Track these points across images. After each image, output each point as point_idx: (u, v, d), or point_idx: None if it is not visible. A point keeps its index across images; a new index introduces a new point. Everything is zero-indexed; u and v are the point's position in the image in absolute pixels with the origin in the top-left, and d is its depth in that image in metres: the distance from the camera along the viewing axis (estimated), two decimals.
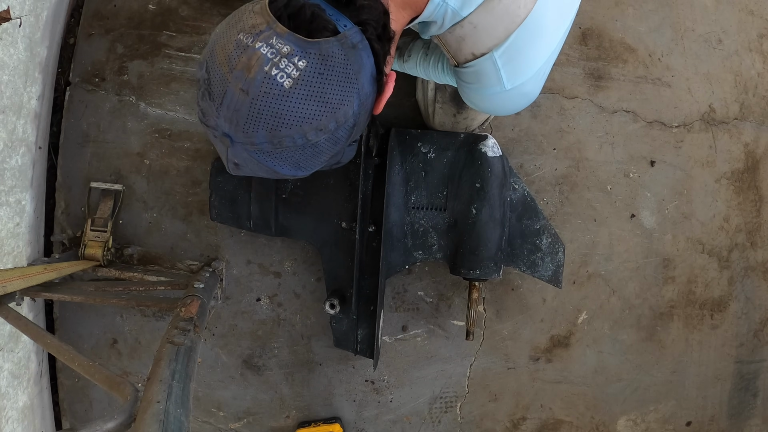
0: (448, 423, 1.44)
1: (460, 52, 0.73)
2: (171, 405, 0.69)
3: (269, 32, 0.55)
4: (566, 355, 1.44)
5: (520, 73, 0.73)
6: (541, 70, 0.75)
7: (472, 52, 0.71)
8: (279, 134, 0.57)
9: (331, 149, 0.62)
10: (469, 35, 0.70)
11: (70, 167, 1.31)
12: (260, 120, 0.56)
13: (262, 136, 0.57)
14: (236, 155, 0.61)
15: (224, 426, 1.40)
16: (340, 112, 0.58)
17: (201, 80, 0.60)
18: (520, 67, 0.72)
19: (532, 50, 0.71)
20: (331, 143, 0.61)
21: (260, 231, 1.26)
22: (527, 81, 0.74)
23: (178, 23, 1.32)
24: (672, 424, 1.51)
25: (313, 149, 0.60)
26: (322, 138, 0.59)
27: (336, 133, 0.60)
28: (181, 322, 0.90)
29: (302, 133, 0.57)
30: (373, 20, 0.60)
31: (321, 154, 0.62)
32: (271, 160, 0.60)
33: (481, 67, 0.73)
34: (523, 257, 1.27)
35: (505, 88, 0.74)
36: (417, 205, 1.24)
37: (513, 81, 0.73)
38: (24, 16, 1.08)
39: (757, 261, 1.50)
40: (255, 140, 0.58)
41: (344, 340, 1.29)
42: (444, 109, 1.18)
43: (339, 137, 0.61)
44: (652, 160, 1.42)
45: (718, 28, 1.44)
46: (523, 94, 0.77)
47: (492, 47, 0.70)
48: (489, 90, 0.75)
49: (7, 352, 1.17)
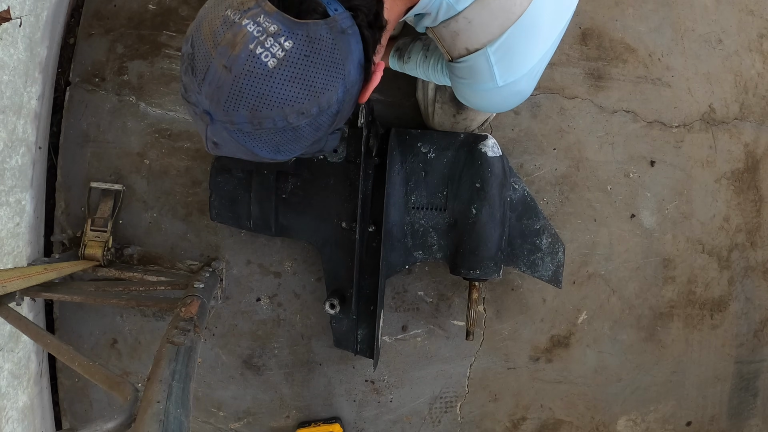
0: (448, 423, 1.44)
1: (454, 46, 0.73)
2: (171, 405, 0.69)
3: (257, 10, 0.54)
4: (566, 355, 1.44)
5: (513, 71, 0.73)
6: (535, 68, 0.74)
7: (465, 47, 0.72)
8: (260, 115, 0.56)
9: (313, 135, 0.61)
10: (464, 30, 0.70)
11: (70, 167, 1.31)
12: (242, 99, 0.55)
13: (242, 115, 0.56)
14: (215, 134, 0.59)
15: (224, 426, 1.40)
16: (323, 97, 0.57)
17: (185, 55, 0.59)
18: (514, 65, 0.72)
19: (526, 48, 0.71)
20: (312, 128, 0.60)
21: (260, 231, 1.26)
22: (520, 79, 0.74)
23: (178, 23, 1.32)
24: (672, 424, 1.51)
25: (294, 133, 0.59)
26: (303, 122, 0.58)
27: (318, 119, 0.59)
28: (181, 322, 0.90)
29: (283, 115, 0.56)
30: (364, 6, 0.59)
31: (301, 139, 0.61)
32: (250, 141, 0.59)
33: (474, 63, 0.73)
34: (523, 257, 1.27)
35: (498, 84, 0.74)
36: (417, 205, 1.24)
37: (506, 78, 0.73)
38: (24, 16, 1.08)
39: (757, 261, 1.50)
40: (235, 119, 0.56)
41: (344, 340, 1.29)
42: (444, 109, 1.18)
43: (321, 123, 0.60)
44: (652, 160, 1.42)
45: (718, 28, 1.44)
46: (515, 92, 0.77)
47: (486, 43, 0.70)
48: (481, 86, 0.75)
49: (7, 352, 1.17)
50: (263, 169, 1.22)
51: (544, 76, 1.36)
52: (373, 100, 1.33)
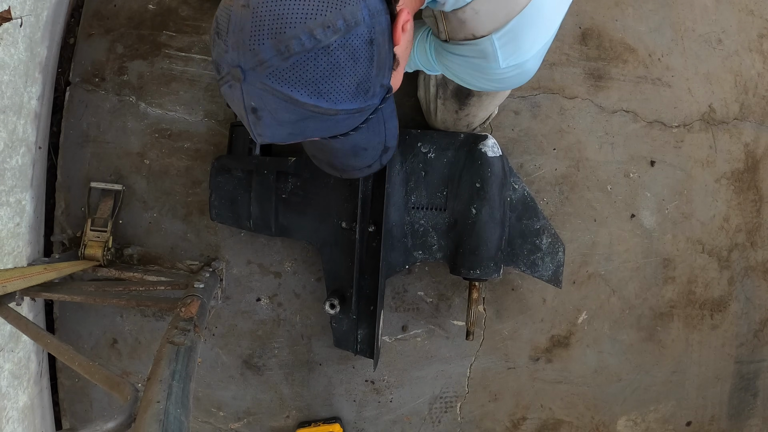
0: (448, 423, 1.44)
1: (459, 30, 0.75)
2: (171, 405, 0.69)
3: None
4: (566, 355, 1.44)
5: (517, 56, 0.75)
6: (540, 51, 0.76)
7: (472, 33, 0.73)
8: (284, 37, 0.55)
9: (351, 66, 0.58)
10: (471, 19, 0.72)
11: (70, 167, 1.31)
12: (263, 28, 0.55)
13: (268, 46, 0.55)
14: (251, 93, 0.58)
15: (224, 426, 1.40)
16: (346, 9, 0.56)
17: (212, 33, 0.60)
18: (518, 50, 0.74)
19: (530, 35, 0.73)
20: (347, 54, 0.57)
21: (260, 231, 1.26)
22: (525, 62, 0.76)
23: (178, 23, 1.32)
24: (672, 424, 1.51)
25: (328, 58, 0.56)
26: (332, 39, 0.56)
27: (349, 39, 0.57)
28: (181, 322, 0.90)
29: (308, 30, 0.55)
30: None
31: (340, 69, 0.57)
32: (285, 84, 0.57)
33: (478, 46, 0.74)
34: (523, 257, 1.27)
35: (501, 67, 0.75)
36: (417, 205, 1.24)
37: (509, 62, 0.75)
38: (25, 16, 1.08)
39: (757, 261, 1.50)
40: (263, 55, 0.55)
41: (344, 340, 1.29)
42: (446, 105, 1.18)
43: (356, 48, 0.57)
44: (652, 160, 1.42)
45: (718, 28, 1.44)
46: (519, 74, 0.78)
47: (492, 30, 0.72)
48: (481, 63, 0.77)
49: (7, 352, 1.17)
50: (263, 168, 1.22)
51: (544, 76, 1.37)
52: None
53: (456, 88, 1.13)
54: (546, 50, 0.78)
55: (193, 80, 1.32)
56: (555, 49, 1.38)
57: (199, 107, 1.32)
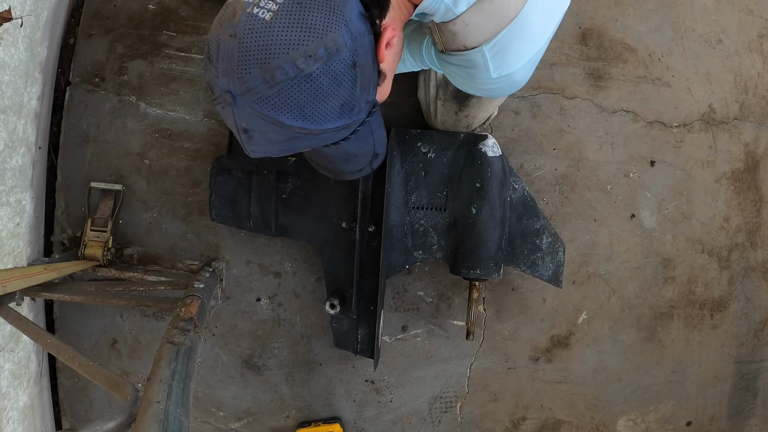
0: (448, 423, 1.44)
1: (451, 42, 0.76)
2: (171, 405, 0.69)
3: None
4: (566, 355, 1.44)
5: (507, 66, 0.77)
6: (529, 62, 0.78)
7: (463, 44, 0.75)
8: (269, 67, 0.58)
9: (335, 89, 0.61)
10: (461, 31, 0.73)
11: (70, 167, 1.32)
12: (249, 58, 0.58)
13: (255, 75, 0.58)
14: (241, 116, 0.61)
15: (224, 426, 1.40)
16: (327, 37, 0.58)
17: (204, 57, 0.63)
18: (508, 60, 0.76)
19: (519, 46, 0.75)
20: (330, 79, 0.60)
21: (260, 231, 1.26)
22: (514, 72, 0.78)
23: (178, 23, 1.32)
24: (672, 424, 1.51)
25: (311, 85, 0.59)
26: (315, 68, 0.58)
27: (331, 65, 0.59)
28: (181, 322, 0.90)
29: (291, 60, 0.58)
30: None
31: (323, 93, 0.60)
32: (272, 109, 0.60)
33: (470, 57, 0.76)
34: (523, 257, 1.27)
35: (492, 77, 0.78)
36: (417, 205, 1.24)
37: (500, 72, 0.77)
38: (25, 16, 1.08)
39: (757, 261, 1.50)
40: (250, 83, 0.59)
41: (344, 340, 1.29)
42: (446, 106, 1.18)
43: (338, 72, 0.60)
44: (652, 160, 1.42)
45: (718, 28, 1.44)
46: (509, 83, 0.81)
47: (482, 42, 0.74)
48: (475, 75, 0.79)
49: (7, 352, 1.17)
50: (263, 169, 1.22)
51: (544, 76, 1.37)
52: None
53: (456, 90, 1.13)
54: (536, 62, 0.80)
55: (193, 80, 1.32)
56: (555, 49, 1.38)
57: (199, 107, 1.32)
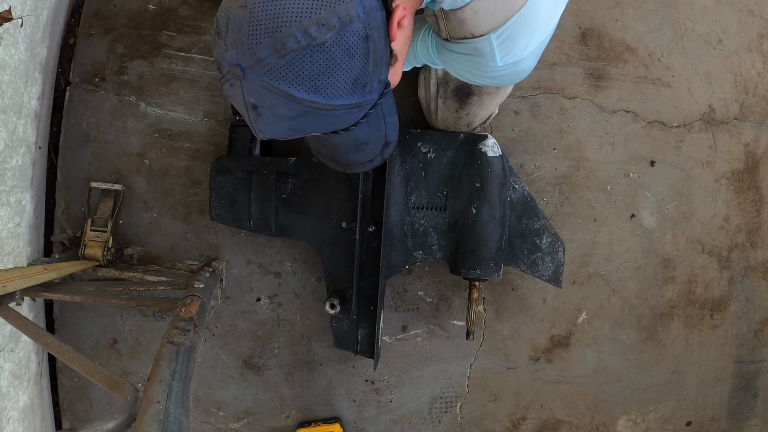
0: (448, 423, 1.44)
1: (459, 29, 0.76)
2: (171, 405, 0.69)
3: None
4: (566, 355, 1.44)
5: (514, 54, 0.77)
6: (535, 51, 0.78)
7: (471, 32, 0.75)
8: (280, 36, 0.56)
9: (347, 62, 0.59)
10: (470, 19, 0.73)
11: (70, 167, 1.32)
12: (260, 27, 0.57)
13: (265, 45, 0.57)
14: (250, 90, 0.60)
15: (224, 426, 1.40)
16: (340, 6, 0.57)
17: (213, 33, 0.62)
18: (514, 49, 0.76)
19: (527, 34, 0.75)
20: (343, 51, 0.58)
21: (260, 231, 1.26)
22: (521, 60, 0.78)
23: (178, 23, 1.32)
24: (672, 424, 1.51)
25: (324, 55, 0.58)
26: (327, 36, 0.57)
27: (344, 36, 0.58)
28: (181, 322, 0.90)
29: (303, 28, 0.56)
30: None
31: (336, 65, 0.59)
32: (283, 81, 0.58)
33: (477, 45, 0.76)
34: (523, 257, 1.27)
35: (497, 65, 0.78)
36: (417, 205, 1.24)
37: (506, 60, 0.77)
38: (25, 16, 1.08)
39: (757, 261, 1.50)
40: (260, 53, 0.57)
41: (344, 340, 1.29)
42: (446, 104, 1.18)
43: (351, 44, 0.59)
44: (652, 160, 1.42)
45: (718, 28, 1.44)
46: (515, 72, 0.81)
47: (489, 30, 0.74)
48: (479, 61, 0.79)
49: (7, 352, 1.17)
50: (263, 169, 1.22)
51: (544, 76, 1.37)
52: None
53: (456, 87, 1.13)
54: (542, 50, 0.80)
55: (193, 80, 1.32)
56: (555, 49, 1.38)
57: (199, 107, 1.32)
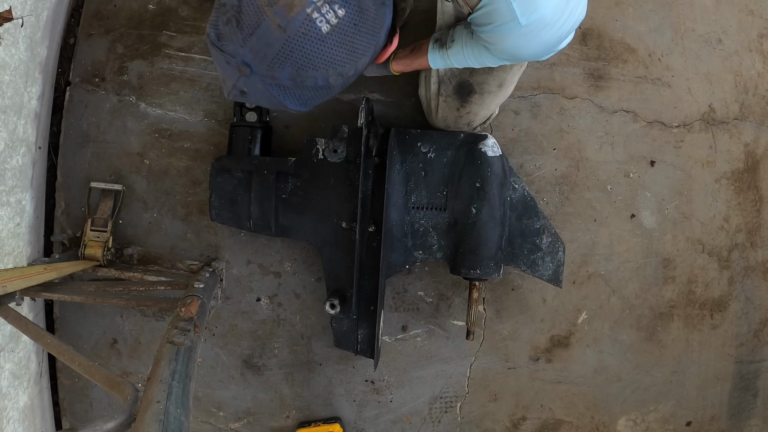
0: (448, 423, 1.44)
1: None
2: (171, 405, 0.69)
3: None
4: (566, 355, 1.44)
5: (534, 8, 0.73)
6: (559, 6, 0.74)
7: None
8: (304, 74, 0.62)
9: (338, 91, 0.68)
10: None
11: (70, 167, 1.31)
12: (290, 58, 0.60)
13: (286, 73, 0.61)
14: (248, 85, 0.64)
15: (224, 426, 1.40)
16: (360, 61, 0.64)
17: (228, 5, 0.62)
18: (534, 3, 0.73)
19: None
20: (341, 87, 0.67)
21: (260, 231, 1.26)
22: (543, 17, 0.74)
23: (178, 23, 1.32)
24: (672, 424, 1.51)
25: (327, 91, 0.66)
26: (339, 82, 0.65)
27: (349, 80, 0.66)
28: (181, 322, 0.90)
29: (326, 76, 0.63)
30: None
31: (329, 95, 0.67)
32: (285, 95, 0.65)
33: (493, 6, 0.74)
34: (523, 257, 1.27)
35: (521, 23, 0.74)
36: (417, 205, 1.24)
37: (528, 15, 0.73)
38: (25, 16, 1.08)
39: (757, 261, 1.50)
40: (278, 75, 0.61)
41: (344, 340, 1.29)
42: (447, 102, 1.17)
43: (348, 82, 0.67)
44: (652, 160, 1.42)
45: (718, 28, 1.44)
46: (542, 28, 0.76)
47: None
48: (504, 27, 0.75)
49: (7, 352, 1.17)
50: (263, 169, 1.22)
51: (544, 76, 1.37)
52: (373, 100, 1.33)
53: (458, 86, 1.13)
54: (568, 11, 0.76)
55: (193, 80, 1.32)
56: None
57: (199, 107, 1.32)
